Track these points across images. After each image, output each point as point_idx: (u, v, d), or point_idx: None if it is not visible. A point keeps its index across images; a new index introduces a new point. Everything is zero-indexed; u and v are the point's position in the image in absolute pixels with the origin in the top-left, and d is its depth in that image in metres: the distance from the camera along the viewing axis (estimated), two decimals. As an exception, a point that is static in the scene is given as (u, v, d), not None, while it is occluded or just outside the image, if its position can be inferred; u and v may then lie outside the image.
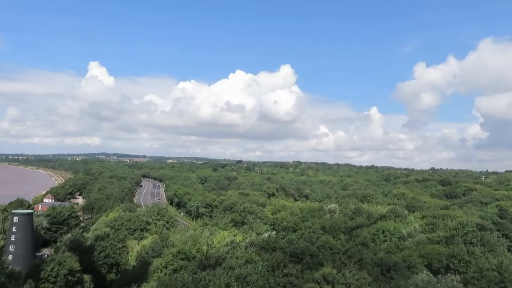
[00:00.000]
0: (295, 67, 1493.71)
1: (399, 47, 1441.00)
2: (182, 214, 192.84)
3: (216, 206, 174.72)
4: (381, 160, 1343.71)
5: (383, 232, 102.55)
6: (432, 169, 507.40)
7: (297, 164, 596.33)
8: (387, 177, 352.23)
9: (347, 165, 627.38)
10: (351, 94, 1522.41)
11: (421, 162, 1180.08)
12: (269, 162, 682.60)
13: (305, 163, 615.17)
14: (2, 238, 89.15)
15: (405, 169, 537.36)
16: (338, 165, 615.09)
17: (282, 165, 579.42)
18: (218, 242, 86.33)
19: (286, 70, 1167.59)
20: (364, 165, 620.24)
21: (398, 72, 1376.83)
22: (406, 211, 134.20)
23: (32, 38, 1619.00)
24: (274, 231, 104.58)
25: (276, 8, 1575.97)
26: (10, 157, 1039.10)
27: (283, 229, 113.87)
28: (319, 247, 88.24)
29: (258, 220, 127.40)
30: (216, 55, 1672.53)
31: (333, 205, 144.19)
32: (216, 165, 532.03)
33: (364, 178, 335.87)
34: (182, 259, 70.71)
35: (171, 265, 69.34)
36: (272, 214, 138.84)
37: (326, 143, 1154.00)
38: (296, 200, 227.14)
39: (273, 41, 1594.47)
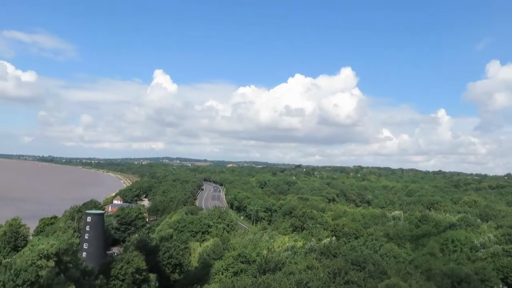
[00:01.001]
0: (356, 69, 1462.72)
1: (470, 45, 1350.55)
2: (242, 217, 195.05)
3: (276, 211, 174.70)
4: (450, 165, 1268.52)
5: (452, 241, 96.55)
6: (508, 175, 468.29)
7: (358, 169, 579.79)
8: (456, 183, 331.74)
9: (412, 170, 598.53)
10: (416, 96, 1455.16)
11: (496, 167, 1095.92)
12: (329, 166, 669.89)
13: (367, 167, 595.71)
14: (77, 236, 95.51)
15: (476, 174, 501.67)
16: (402, 170, 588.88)
17: (343, 170, 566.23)
18: (278, 247, 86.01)
19: (346, 73, 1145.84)
20: (430, 170, 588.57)
21: (468, 71, 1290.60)
22: (478, 220, 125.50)
23: (104, 49, 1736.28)
24: (335, 237, 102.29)
25: (335, 10, 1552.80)
26: (84, 161, 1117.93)
27: (344, 235, 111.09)
28: (382, 255, 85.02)
29: (318, 225, 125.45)
30: (275, 59, 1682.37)
31: (397, 212, 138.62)
32: (275, 170, 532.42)
33: (431, 184, 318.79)
34: (242, 262, 71.31)
35: (231, 267, 70.15)
36: (332, 219, 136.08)
37: (389, 147, 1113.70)
38: (357, 206, 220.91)
39: (333, 44, 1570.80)
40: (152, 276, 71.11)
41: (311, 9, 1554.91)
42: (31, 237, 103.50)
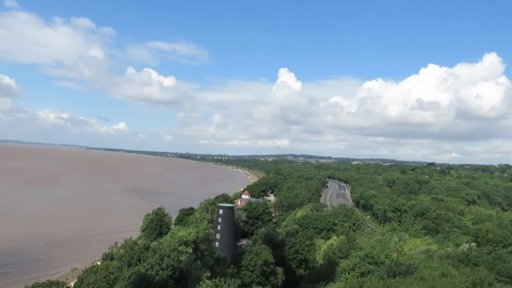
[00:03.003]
0: (503, 54, 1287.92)
1: None
2: (368, 217, 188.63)
3: (406, 211, 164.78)
4: None
5: None
6: None
7: (505, 167, 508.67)
8: None
9: None
10: None
11: None
12: (468, 165, 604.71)
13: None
14: (211, 227, 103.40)
15: None
16: None
17: (485, 169, 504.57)
18: (409, 250, 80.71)
19: (490, 59, 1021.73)
20: None
21: None
22: None
23: (232, 52, 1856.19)
24: (476, 244, 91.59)
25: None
26: (215, 158, 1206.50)
27: (487, 243, 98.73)
28: (539, 268, 73.27)
29: (455, 229, 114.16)
30: (404, 50, 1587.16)
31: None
32: (405, 167, 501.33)
33: None
34: (370, 263, 68.70)
35: (358, 268, 68.10)
36: (473, 224, 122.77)
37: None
38: (504, 209, 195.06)
39: (474, 27, 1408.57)
40: (279, 269, 73.08)
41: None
42: (172, 226, 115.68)
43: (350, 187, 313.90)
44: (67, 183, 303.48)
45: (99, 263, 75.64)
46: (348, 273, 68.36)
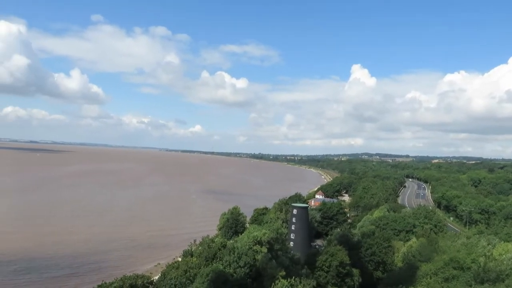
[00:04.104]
0: None
1: None
2: (451, 218, 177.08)
3: (494, 213, 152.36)
4: None
5: None
6: None
7: None
8: None
9: None
10: None
11: None
12: None
13: None
14: (285, 227, 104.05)
15: None
16: None
17: None
18: (499, 255, 74.37)
19: None
20: None
21: None
22: None
23: (303, 51, 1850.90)
24: None
25: None
26: (288, 158, 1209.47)
27: None
28: None
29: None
30: (489, 39, 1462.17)
31: None
32: (493, 166, 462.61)
33: None
34: (454, 268, 64.64)
35: (441, 272, 64.41)
36: None
37: None
38: None
39: None
40: (356, 271, 71.67)
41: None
42: (247, 225, 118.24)
43: (430, 187, 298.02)
44: (150, 184, 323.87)
45: (179, 259, 79.96)
46: (430, 278, 65.00)
